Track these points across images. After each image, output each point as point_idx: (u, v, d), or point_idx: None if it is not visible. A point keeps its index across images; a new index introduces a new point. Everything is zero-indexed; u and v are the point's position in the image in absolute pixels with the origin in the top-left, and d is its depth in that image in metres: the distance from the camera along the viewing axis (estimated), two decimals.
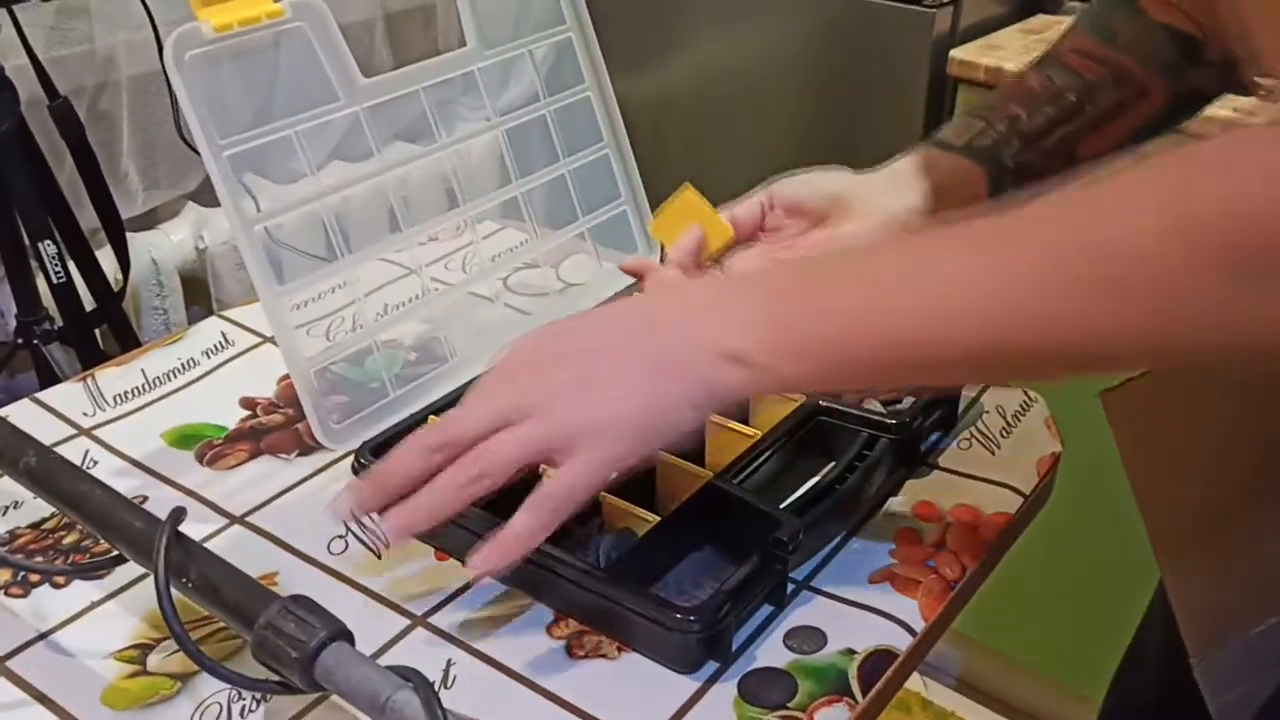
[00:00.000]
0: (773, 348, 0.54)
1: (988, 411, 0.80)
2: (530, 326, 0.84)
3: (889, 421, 0.72)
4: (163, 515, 0.56)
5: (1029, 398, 0.81)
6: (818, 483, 0.69)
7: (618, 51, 0.91)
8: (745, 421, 0.75)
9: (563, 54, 0.87)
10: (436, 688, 0.58)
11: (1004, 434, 0.78)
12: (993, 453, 0.76)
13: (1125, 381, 0.49)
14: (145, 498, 0.72)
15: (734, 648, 0.61)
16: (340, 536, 0.69)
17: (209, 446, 0.77)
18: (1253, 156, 0.44)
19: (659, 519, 0.65)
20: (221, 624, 0.59)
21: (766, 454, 0.70)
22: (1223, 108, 0.95)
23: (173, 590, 0.53)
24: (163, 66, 0.66)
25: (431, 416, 0.73)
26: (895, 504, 0.72)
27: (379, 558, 0.68)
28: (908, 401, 0.75)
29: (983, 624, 0.68)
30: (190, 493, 0.73)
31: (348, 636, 0.51)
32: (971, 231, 0.51)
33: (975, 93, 1.30)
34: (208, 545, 0.66)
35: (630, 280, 0.89)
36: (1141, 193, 0.47)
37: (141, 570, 0.63)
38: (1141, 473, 0.51)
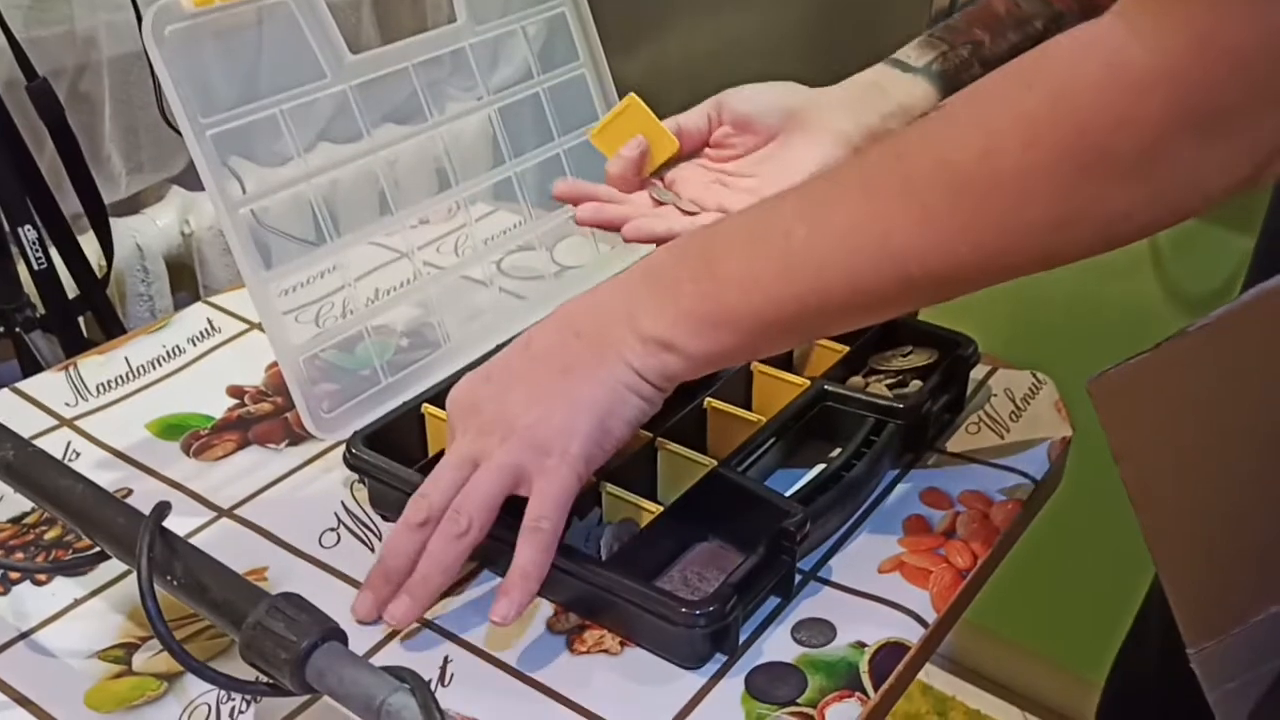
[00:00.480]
0: (691, 327, 0.57)
1: (995, 394, 0.78)
2: (525, 311, 0.82)
3: (896, 405, 0.69)
4: (147, 509, 0.54)
5: (1038, 380, 0.79)
6: (824, 469, 0.67)
7: (612, 28, 0.88)
8: (748, 407, 0.73)
9: (556, 30, 0.84)
10: (433, 686, 0.56)
11: (1013, 418, 0.76)
12: (1002, 436, 0.74)
13: (1112, 368, 0.48)
14: (129, 490, 0.70)
15: (740, 641, 0.59)
16: (332, 529, 0.67)
17: (195, 437, 0.75)
18: (1092, 54, 0.47)
19: (661, 509, 0.63)
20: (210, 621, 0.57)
21: (770, 440, 0.68)
22: None
23: (157, 588, 0.51)
24: (143, 45, 0.64)
25: (426, 405, 0.70)
26: (903, 491, 0.70)
27: (372, 550, 0.66)
28: (915, 385, 0.73)
29: (982, 607, 0.67)
30: (176, 485, 0.71)
31: (340, 636, 0.49)
32: (853, 172, 0.55)
33: None
34: (194, 539, 0.64)
35: (628, 263, 0.87)
36: (984, 106, 0.50)
37: (125, 566, 0.61)
38: (1132, 464, 0.49)
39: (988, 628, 1.49)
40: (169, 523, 0.54)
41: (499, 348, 0.76)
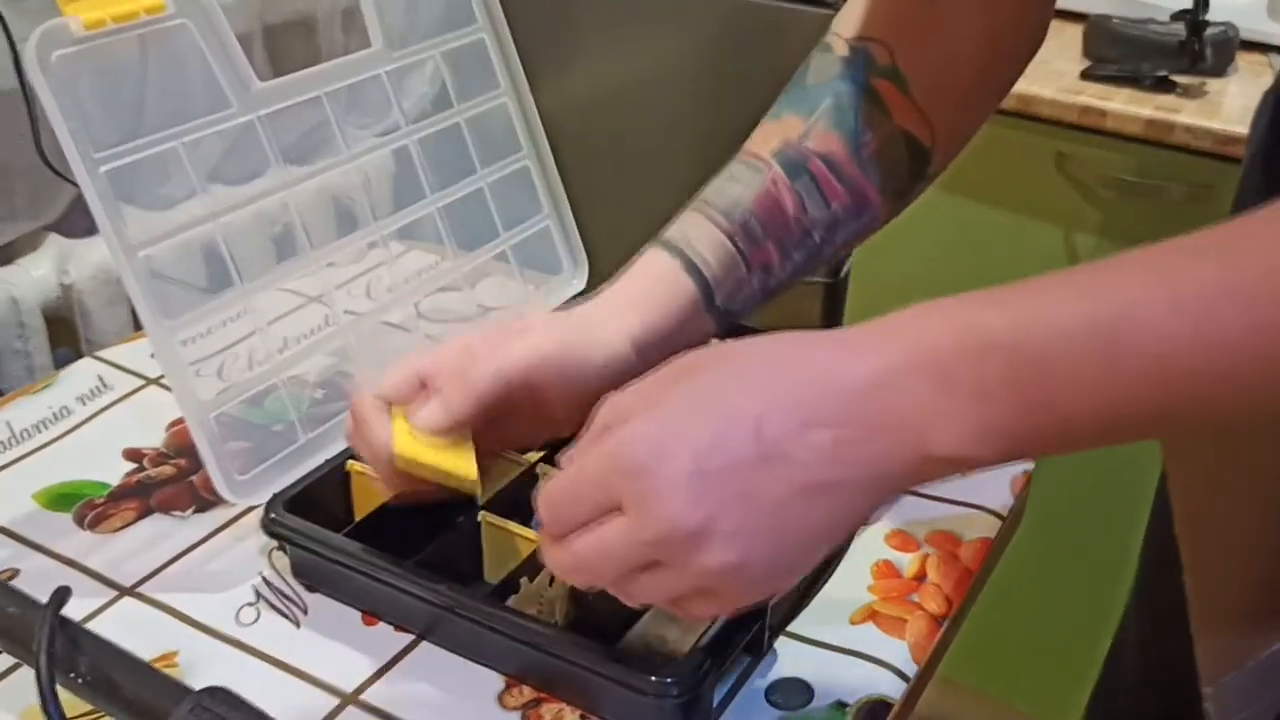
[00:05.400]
0: (1004, 444, 0.43)
1: None
2: None
3: None
4: (38, 590, 0.47)
5: None
6: None
7: (532, 54, 0.84)
8: None
9: (469, 58, 0.80)
10: None
11: None
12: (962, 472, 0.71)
13: None
14: (15, 571, 0.62)
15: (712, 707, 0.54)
16: (250, 604, 0.61)
17: (89, 507, 0.67)
18: None
19: None
20: None
21: None
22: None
23: (59, 688, 0.44)
24: (19, 76, 0.57)
25: (351, 462, 0.64)
26: (868, 534, 0.66)
27: (297, 626, 0.59)
28: None
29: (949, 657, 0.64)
30: (70, 562, 0.63)
31: None
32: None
33: None
34: (93, 623, 0.57)
35: (554, 303, 0.82)
36: None
37: (13, 659, 0.53)
38: (1188, 504, 0.46)
39: (948, 676, 1.45)
40: (66, 607, 0.47)
41: None
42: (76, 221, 1.28)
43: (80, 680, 0.44)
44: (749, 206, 0.62)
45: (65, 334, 1.27)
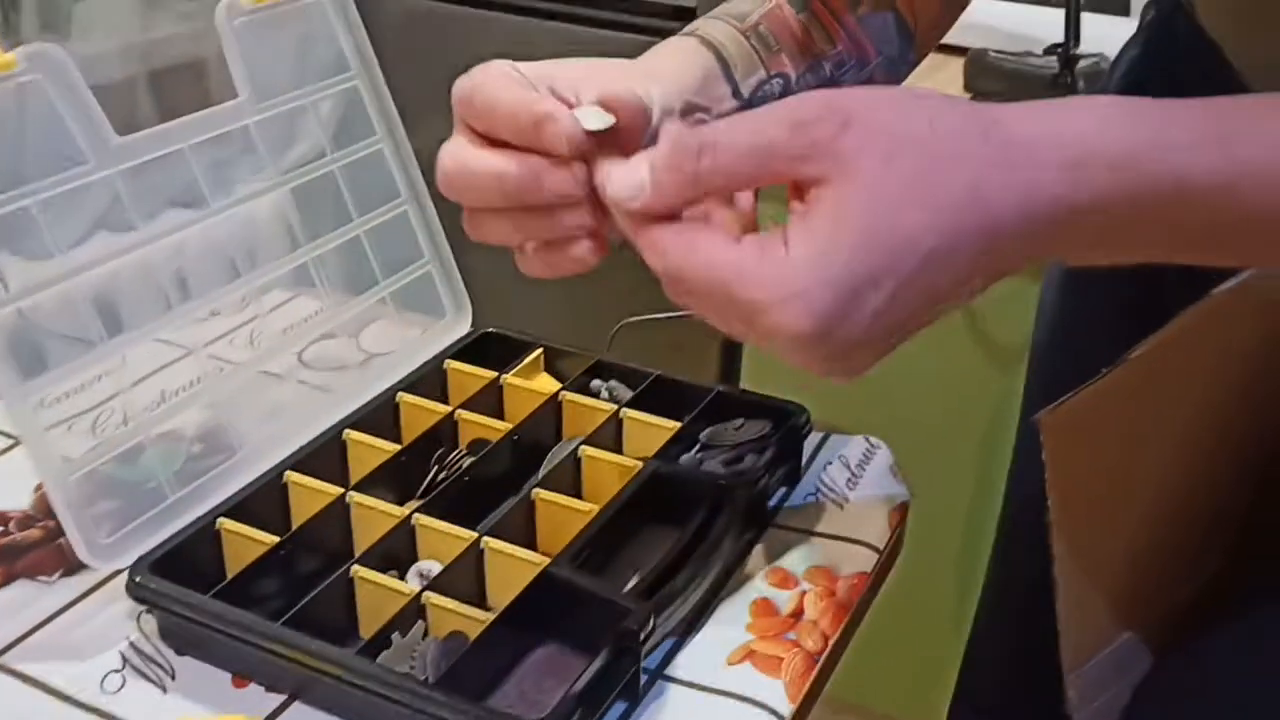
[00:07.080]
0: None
1: (830, 463, 0.75)
2: (331, 405, 0.75)
3: (732, 483, 0.66)
4: None
5: (871, 445, 0.77)
6: (663, 558, 0.63)
7: (407, 98, 0.83)
8: (578, 495, 0.68)
9: (350, 106, 0.79)
10: None
11: (850, 485, 0.73)
12: (841, 507, 0.72)
13: (1066, 399, 0.47)
14: None
15: None
16: (116, 671, 0.59)
17: None
18: None
19: (491, 618, 0.58)
20: None
21: (604, 530, 0.64)
22: None
23: None
24: None
25: (222, 519, 0.63)
26: (745, 572, 0.66)
27: (164, 691, 0.58)
28: (749, 459, 0.70)
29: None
30: None
31: None
32: None
33: None
34: None
35: (442, 346, 0.81)
36: None
37: None
38: (1060, 493, 0.48)
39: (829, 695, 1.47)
40: None
41: (303, 449, 0.70)
42: None
43: None
44: (759, 18, 0.62)
45: None
